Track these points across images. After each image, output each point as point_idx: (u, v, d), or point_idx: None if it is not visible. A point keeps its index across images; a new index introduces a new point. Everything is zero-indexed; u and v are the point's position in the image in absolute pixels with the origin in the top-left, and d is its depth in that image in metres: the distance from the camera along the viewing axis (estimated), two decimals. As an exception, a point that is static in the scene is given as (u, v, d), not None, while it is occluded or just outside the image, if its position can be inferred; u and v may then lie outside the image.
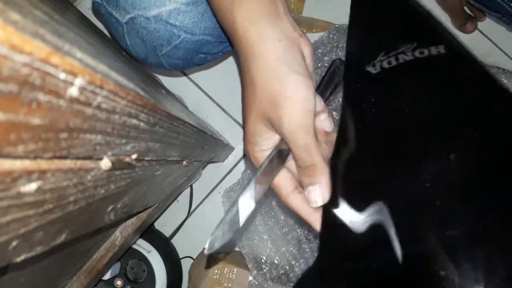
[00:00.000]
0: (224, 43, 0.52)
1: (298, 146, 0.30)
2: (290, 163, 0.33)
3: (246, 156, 0.34)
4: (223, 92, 0.80)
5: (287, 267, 0.65)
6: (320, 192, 0.30)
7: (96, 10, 0.51)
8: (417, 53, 0.31)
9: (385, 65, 0.32)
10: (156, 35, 0.47)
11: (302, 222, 0.66)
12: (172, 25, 0.46)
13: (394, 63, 0.31)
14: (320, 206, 0.31)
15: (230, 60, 0.80)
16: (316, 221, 0.32)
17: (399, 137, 0.32)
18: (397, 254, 0.28)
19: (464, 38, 0.83)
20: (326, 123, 0.33)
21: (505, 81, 0.63)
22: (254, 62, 0.30)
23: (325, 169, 0.31)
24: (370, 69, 0.32)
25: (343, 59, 0.37)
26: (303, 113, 0.29)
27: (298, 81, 0.29)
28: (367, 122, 0.32)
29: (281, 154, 0.32)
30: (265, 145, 0.33)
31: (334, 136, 0.32)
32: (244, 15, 0.30)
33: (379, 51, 0.32)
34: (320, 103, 0.33)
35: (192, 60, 0.52)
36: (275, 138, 0.32)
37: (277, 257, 0.65)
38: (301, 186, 0.33)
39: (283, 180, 0.33)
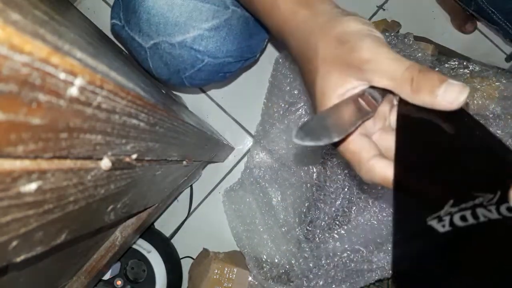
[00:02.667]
0: (242, 61, 0.54)
1: (390, 60, 0.26)
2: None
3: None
4: (223, 92, 0.80)
5: (287, 266, 0.65)
6: (453, 88, 0.24)
7: (116, 32, 0.52)
8: (503, 209, 0.21)
9: (458, 221, 0.21)
10: (180, 59, 0.48)
11: (301, 221, 0.66)
12: (196, 51, 0.47)
13: (471, 220, 0.21)
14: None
15: (230, 60, 0.81)
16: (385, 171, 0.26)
17: None
18: None
19: (464, 38, 0.83)
20: None
21: (505, 81, 0.63)
22: (316, 21, 0.29)
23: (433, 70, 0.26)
24: (434, 223, 0.22)
25: None
26: (376, 39, 0.27)
27: (358, 20, 0.29)
28: None
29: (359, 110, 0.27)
30: (341, 113, 0.27)
31: None
32: None
33: (447, 198, 0.23)
34: None
35: (213, 79, 0.54)
36: (347, 92, 0.28)
37: (277, 256, 0.65)
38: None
39: (363, 143, 0.27)
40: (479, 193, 0.22)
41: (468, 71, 0.65)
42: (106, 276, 0.67)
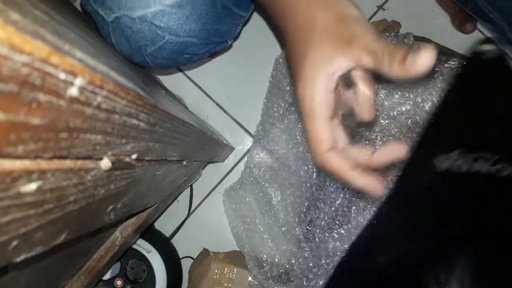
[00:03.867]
0: (210, 45, 0.53)
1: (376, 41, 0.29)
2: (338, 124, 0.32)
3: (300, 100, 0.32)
4: (223, 92, 0.80)
5: (287, 266, 0.65)
6: (429, 52, 0.27)
7: (82, 7, 0.52)
8: (494, 169, 0.26)
9: (454, 168, 0.27)
10: (141, 35, 0.47)
11: (300, 221, 0.66)
12: (156, 26, 0.46)
13: (464, 169, 0.26)
14: (358, 170, 0.30)
15: (230, 60, 0.80)
16: (356, 179, 0.30)
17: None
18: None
19: (464, 38, 0.83)
20: None
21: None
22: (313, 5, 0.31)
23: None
24: (437, 161, 0.27)
25: None
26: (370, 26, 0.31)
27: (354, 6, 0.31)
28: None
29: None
30: (324, 94, 0.30)
31: None
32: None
33: (457, 146, 0.28)
34: None
35: (177, 60, 0.52)
36: (335, 74, 0.30)
37: (277, 256, 0.65)
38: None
39: (326, 133, 0.30)
40: (483, 150, 0.27)
41: (468, 71, 0.65)
42: (106, 276, 0.67)
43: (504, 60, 0.31)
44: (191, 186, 0.77)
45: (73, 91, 0.16)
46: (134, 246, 0.70)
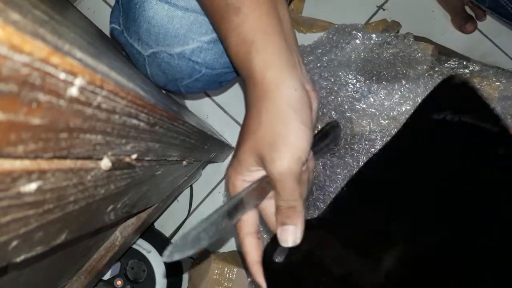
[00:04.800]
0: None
1: (284, 189, 0.32)
2: (264, 204, 0.35)
3: (225, 179, 0.37)
4: (223, 92, 0.80)
5: None
6: (294, 233, 0.33)
7: (114, 37, 0.52)
8: (475, 121, 0.36)
9: (448, 118, 0.37)
10: (178, 69, 0.48)
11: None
12: (194, 62, 0.47)
13: (456, 119, 0.37)
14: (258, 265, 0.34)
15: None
16: (257, 273, 0.35)
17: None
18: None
19: (464, 38, 0.83)
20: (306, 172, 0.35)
21: (505, 81, 0.63)
22: (266, 102, 0.31)
23: (302, 213, 0.33)
24: (435, 115, 0.38)
25: (342, 59, 0.38)
26: (296, 161, 0.31)
27: (302, 131, 0.31)
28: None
29: (261, 190, 0.34)
30: (248, 177, 0.34)
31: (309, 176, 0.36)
32: (262, 64, 0.31)
33: (449, 108, 0.38)
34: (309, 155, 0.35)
35: (209, 88, 0.54)
36: (259, 175, 0.34)
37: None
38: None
39: (250, 219, 0.35)
40: (469, 113, 0.36)
41: (468, 71, 0.65)
42: (106, 276, 0.67)
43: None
44: (191, 186, 0.77)
45: (73, 91, 0.16)
46: (134, 246, 0.70)
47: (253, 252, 0.35)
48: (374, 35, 0.66)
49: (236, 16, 0.32)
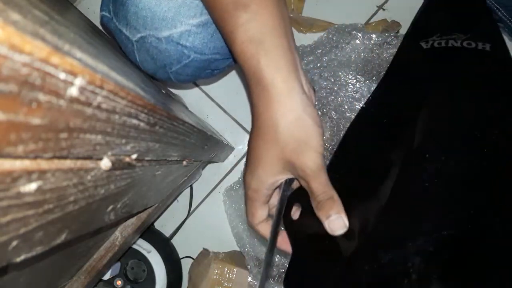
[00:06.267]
0: (230, 59, 0.54)
1: (320, 183, 0.35)
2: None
3: (246, 202, 0.41)
4: (223, 92, 0.80)
5: (287, 265, 0.65)
6: (341, 221, 0.35)
7: (104, 24, 0.52)
8: (465, 44, 0.36)
9: (436, 44, 0.37)
10: (167, 54, 0.48)
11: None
12: (182, 46, 0.47)
13: (443, 45, 0.37)
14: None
15: (230, 60, 0.80)
16: (283, 245, 0.40)
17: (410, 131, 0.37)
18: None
19: (464, 38, 0.83)
20: None
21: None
22: (280, 110, 0.33)
23: (340, 201, 0.35)
24: (423, 44, 0.38)
25: (342, 59, 0.40)
26: (321, 157, 0.35)
27: (318, 132, 0.34)
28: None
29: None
30: (267, 190, 0.37)
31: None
32: (270, 68, 0.32)
33: (436, 31, 0.38)
34: None
35: (200, 75, 0.53)
36: (280, 181, 0.37)
37: (277, 255, 0.65)
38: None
39: (260, 212, 0.39)
40: (456, 32, 0.35)
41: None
42: (106, 276, 0.67)
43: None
44: (191, 186, 0.77)
45: (73, 91, 0.16)
46: (134, 246, 0.70)
47: (267, 230, 0.40)
48: (374, 35, 0.66)
49: (245, 12, 0.32)
